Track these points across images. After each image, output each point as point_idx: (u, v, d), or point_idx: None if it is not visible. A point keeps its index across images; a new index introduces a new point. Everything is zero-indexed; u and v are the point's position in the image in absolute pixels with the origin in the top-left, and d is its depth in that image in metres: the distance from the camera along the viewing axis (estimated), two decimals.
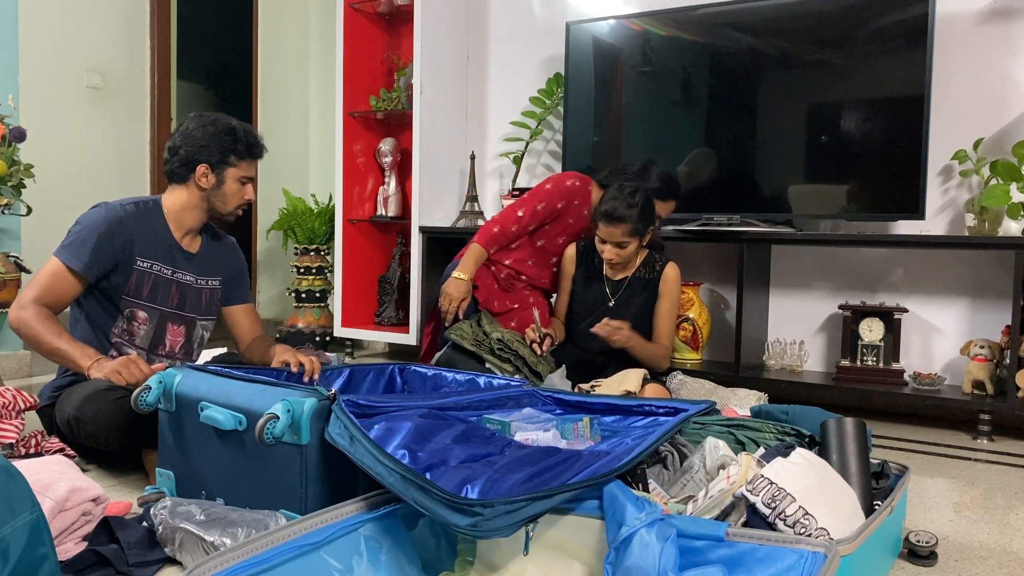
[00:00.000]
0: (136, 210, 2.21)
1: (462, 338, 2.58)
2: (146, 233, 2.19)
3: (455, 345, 2.60)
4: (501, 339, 2.56)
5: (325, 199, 4.32)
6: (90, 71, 3.92)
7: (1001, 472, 2.37)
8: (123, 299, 2.18)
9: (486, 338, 2.59)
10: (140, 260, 2.18)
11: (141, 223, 2.19)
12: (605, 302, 2.68)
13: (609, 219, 2.51)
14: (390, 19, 4.14)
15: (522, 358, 2.52)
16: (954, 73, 2.96)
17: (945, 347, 3.02)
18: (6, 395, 2.03)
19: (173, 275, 2.24)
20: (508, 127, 3.90)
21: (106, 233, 2.12)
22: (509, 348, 2.54)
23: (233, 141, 2.23)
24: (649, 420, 1.82)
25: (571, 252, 2.78)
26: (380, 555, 1.34)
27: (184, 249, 2.27)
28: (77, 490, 1.48)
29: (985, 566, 1.63)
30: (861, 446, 1.56)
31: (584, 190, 2.82)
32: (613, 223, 2.51)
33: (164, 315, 2.23)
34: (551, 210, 2.79)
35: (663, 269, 2.66)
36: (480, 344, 2.58)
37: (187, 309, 2.28)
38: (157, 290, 2.21)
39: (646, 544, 1.15)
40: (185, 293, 2.27)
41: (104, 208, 2.18)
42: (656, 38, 3.34)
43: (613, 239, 2.54)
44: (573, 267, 2.78)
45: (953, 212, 3.02)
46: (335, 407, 1.51)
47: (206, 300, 2.33)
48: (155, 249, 2.21)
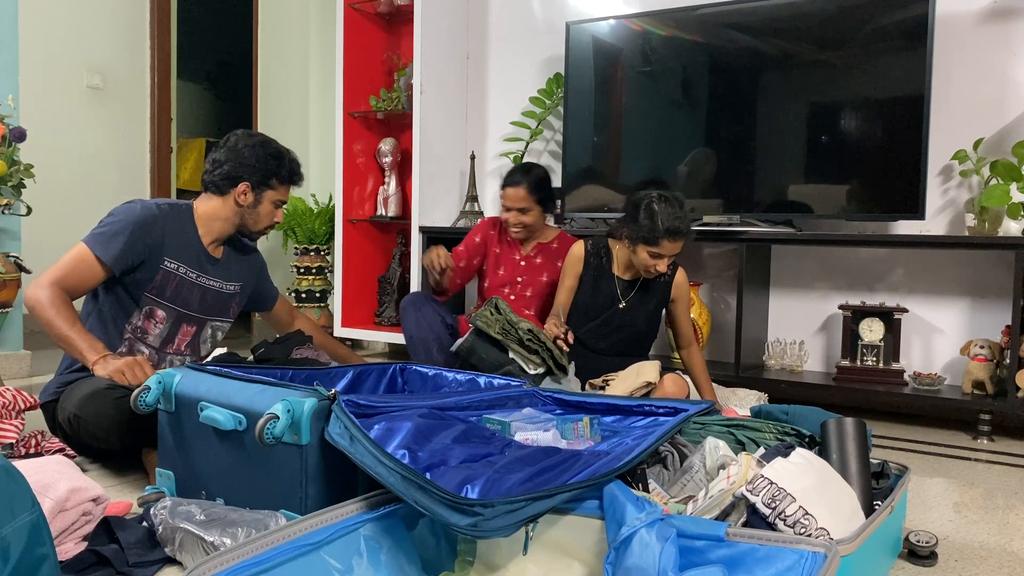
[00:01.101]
0: (171, 211, 2.24)
1: (487, 325, 2.50)
2: (177, 235, 2.22)
3: (479, 332, 2.51)
4: (532, 329, 2.49)
5: (325, 199, 4.33)
6: (90, 71, 3.92)
7: (1001, 472, 2.37)
8: (145, 296, 2.18)
9: (512, 327, 2.51)
10: (168, 260, 2.19)
11: (173, 224, 2.21)
12: (615, 303, 2.67)
13: (676, 236, 2.49)
14: (390, 19, 4.14)
15: (549, 350, 2.48)
16: (954, 73, 2.96)
17: (945, 347, 3.02)
18: (6, 395, 2.03)
19: (198, 279, 2.27)
20: (508, 127, 3.90)
21: (139, 229, 2.13)
22: (538, 339, 2.48)
23: (278, 166, 2.30)
24: (649, 420, 1.82)
25: (578, 251, 2.74)
26: (380, 555, 1.34)
27: (210, 255, 2.31)
28: (77, 490, 1.48)
29: (985, 566, 1.63)
30: (861, 446, 1.56)
31: (497, 220, 3.08)
32: (678, 239, 2.50)
33: (181, 316, 2.25)
34: (471, 245, 3.06)
35: (674, 274, 2.67)
36: (507, 333, 2.50)
37: (205, 312, 2.31)
38: (180, 292, 2.23)
39: (646, 544, 1.15)
40: (206, 297, 2.30)
41: (140, 204, 2.20)
42: (656, 38, 3.34)
43: (674, 253, 2.54)
44: (580, 266, 2.72)
45: (953, 212, 3.02)
46: (335, 407, 1.51)
47: (224, 303, 2.37)
48: (184, 252, 2.23)
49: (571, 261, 2.75)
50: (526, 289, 2.96)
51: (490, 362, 2.45)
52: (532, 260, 2.99)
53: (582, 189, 3.51)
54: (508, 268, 2.99)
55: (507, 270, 2.99)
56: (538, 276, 2.97)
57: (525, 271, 2.98)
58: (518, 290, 2.97)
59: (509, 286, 2.98)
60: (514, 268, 2.98)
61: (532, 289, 2.97)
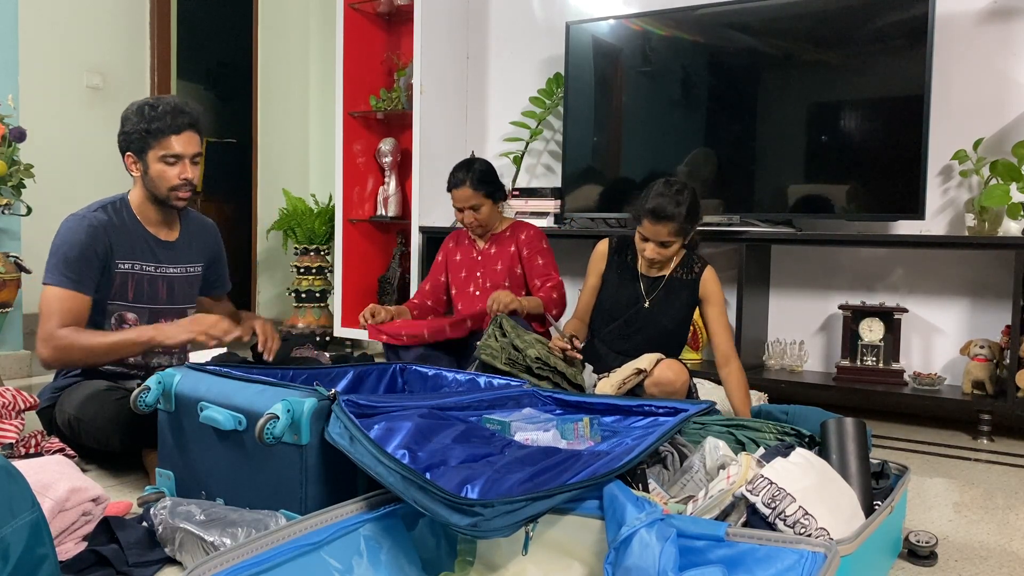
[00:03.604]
0: (106, 215, 2.16)
1: (493, 357, 2.40)
2: (120, 234, 2.16)
3: (485, 365, 2.41)
4: (539, 356, 2.38)
5: (325, 199, 4.33)
6: (90, 71, 3.92)
7: (1001, 472, 2.37)
8: (109, 305, 2.15)
9: (519, 355, 2.41)
10: (120, 263, 2.14)
11: (114, 226, 2.15)
12: (639, 302, 2.50)
13: (656, 216, 2.32)
14: (390, 19, 4.14)
15: (561, 373, 2.37)
16: (954, 73, 2.96)
17: (945, 347, 3.02)
18: (6, 395, 2.03)
19: (157, 270, 2.21)
20: (508, 127, 3.90)
21: (87, 244, 2.08)
22: (547, 365, 2.37)
23: (141, 120, 2.10)
24: (649, 420, 1.82)
25: (602, 248, 2.59)
26: (380, 555, 1.34)
27: (163, 240, 2.23)
28: (77, 490, 1.48)
29: (985, 566, 1.63)
30: (861, 446, 1.56)
31: (454, 234, 3.09)
32: (659, 221, 2.32)
33: (154, 312, 2.21)
34: (435, 265, 3.07)
35: (702, 271, 2.48)
36: (515, 363, 2.39)
37: (176, 301, 2.25)
38: (143, 290, 2.19)
39: (646, 544, 1.15)
40: (173, 286, 2.25)
41: (74, 220, 2.12)
42: (656, 38, 3.34)
43: (658, 238, 2.35)
44: (604, 264, 2.58)
45: (953, 212, 3.02)
46: (335, 407, 1.51)
47: (192, 288, 2.32)
48: (133, 248, 2.17)
49: (594, 259, 2.60)
50: (486, 282, 2.94)
51: None
52: (487, 252, 2.96)
53: (582, 189, 3.51)
54: (468, 268, 2.98)
55: (468, 270, 2.98)
56: (492, 266, 2.94)
57: (482, 264, 2.96)
58: (480, 284, 2.95)
59: (472, 284, 2.96)
60: (473, 265, 2.97)
61: (491, 280, 2.92)
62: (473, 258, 2.98)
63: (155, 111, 2.10)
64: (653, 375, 2.28)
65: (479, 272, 2.96)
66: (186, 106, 2.14)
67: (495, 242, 2.97)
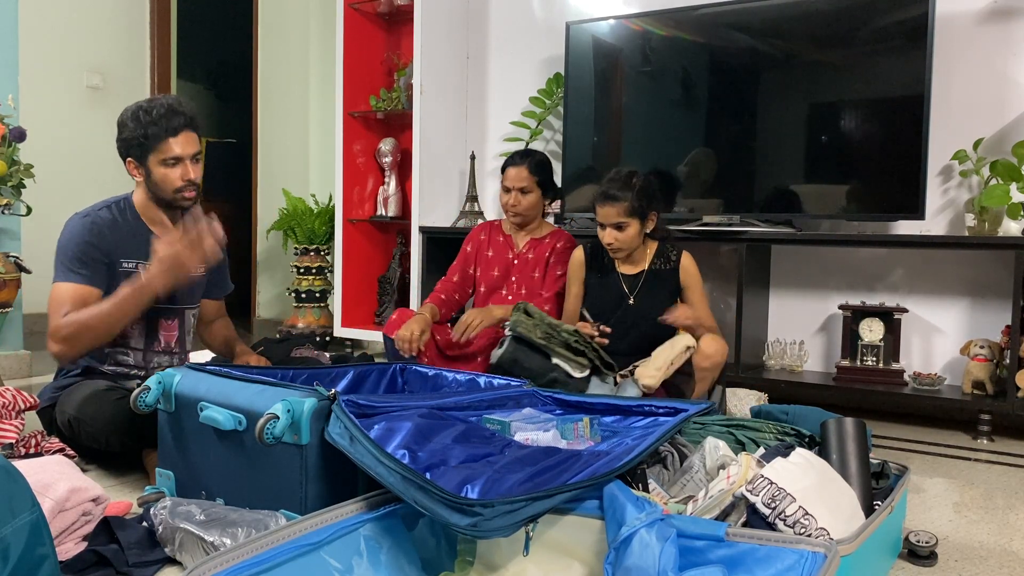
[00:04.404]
0: (110, 214, 2.17)
1: (529, 331, 2.37)
2: (124, 234, 2.16)
3: (518, 339, 2.39)
4: (578, 330, 2.41)
5: (325, 199, 4.33)
6: (90, 71, 3.93)
7: (1001, 472, 2.37)
8: None
9: (554, 330, 2.39)
10: (124, 262, 2.15)
11: (117, 226, 2.16)
12: (624, 300, 2.58)
13: (604, 198, 2.47)
14: (390, 19, 4.14)
15: (596, 350, 2.40)
16: (954, 73, 2.96)
17: (945, 347, 3.02)
18: (6, 395, 2.03)
19: None
20: (508, 127, 3.90)
21: (93, 242, 2.09)
22: (584, 339, 2.39)
23: (138, 126, 2.10)
24: (649, 420, 1.82)
25: (579, 256, 2.68)
26: (380, 555, 1.34)
27: None
28: (77, 490, 1.48)
29: (985, 566, 1.63)
30: (861, 446, 1.56)
31: (486, 225, 3.03)
32: (607, 202, 2.46)
33: (154, 311, 2.19)
34: (463, 255, 2.98)
35: (679, 259, 2.58)
36: (551, 337, 2.38)
37: (176, 301, 2.25)
38: None
39: (646, 544, 1.15)
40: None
41: (79, 219, 2.13)
42: (656, 38, 3.34)
43: (609, 220, 2.47)
44: (583, 271, 2.67)
45: (953, 212, 3.02)
46: (335, 407, 1.51)
47: (194, 289, 2.31)
48: (137, 248, 2.16)
49: (573, 268, 2.69)
50: (521, 288, 2.88)
51: (534, 371, 2.33)
52: (524, 256, 2.90)
53: (582, 189, 3.51)
54: (502, 268, 2.91)
55: (501, 270, 2.91)
56: (530, 272, 2.88)
57: (518, 269, 2.89)
58: (514, 289, 2.89)
59: (506, 287, 2.90)
60: (507, 267, 2.90)
61: (526, 287, 2.88)
62: (509, 259, 2.91)
63: (150, 115, 2.10)
64: (701, 349, 2.39)
65: (515, 277, 2.89)
66: (180, 105, 2.14)
67: (533, 247, 2.90)
